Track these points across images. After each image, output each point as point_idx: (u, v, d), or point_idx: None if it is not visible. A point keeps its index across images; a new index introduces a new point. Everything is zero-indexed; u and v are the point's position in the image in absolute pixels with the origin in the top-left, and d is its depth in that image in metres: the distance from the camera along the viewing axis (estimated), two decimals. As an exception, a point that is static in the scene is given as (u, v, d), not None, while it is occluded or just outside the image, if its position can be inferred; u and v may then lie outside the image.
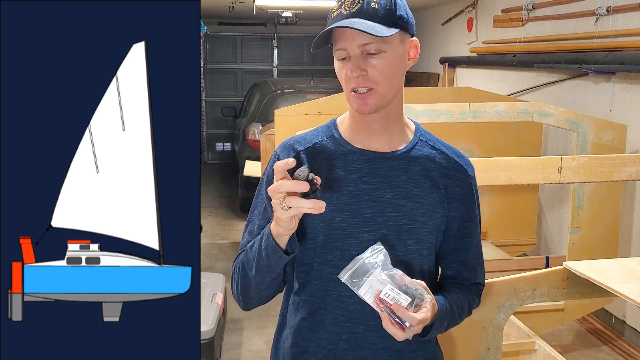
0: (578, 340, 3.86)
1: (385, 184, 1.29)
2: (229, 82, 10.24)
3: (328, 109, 3.72)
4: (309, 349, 1.33)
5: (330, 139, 1.34)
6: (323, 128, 1.38)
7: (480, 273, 1.44)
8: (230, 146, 9.30)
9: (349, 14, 1.21)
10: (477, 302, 1.44)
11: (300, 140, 1.35)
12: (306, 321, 1.33)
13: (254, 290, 1.32)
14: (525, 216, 4.46)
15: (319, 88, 6.68)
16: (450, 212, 1.33)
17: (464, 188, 1.35)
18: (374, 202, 1.28)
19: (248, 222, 1.38)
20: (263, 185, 1.36)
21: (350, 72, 1.22)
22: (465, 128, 4.02)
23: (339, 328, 1.30)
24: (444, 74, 7.03)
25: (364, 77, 1.22)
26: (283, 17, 7.11)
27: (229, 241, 5.87)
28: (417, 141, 1.35)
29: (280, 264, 1.24)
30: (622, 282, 1.76)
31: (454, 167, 1.34)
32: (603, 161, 2.57)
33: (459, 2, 6.62)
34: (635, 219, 3.81)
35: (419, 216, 1.29)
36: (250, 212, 1.39)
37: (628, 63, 3.56)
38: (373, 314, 1.24)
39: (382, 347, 1.31)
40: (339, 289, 1.28)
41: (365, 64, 1.22)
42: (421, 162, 1.32)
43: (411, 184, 1.30)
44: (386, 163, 1.31)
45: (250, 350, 3.65)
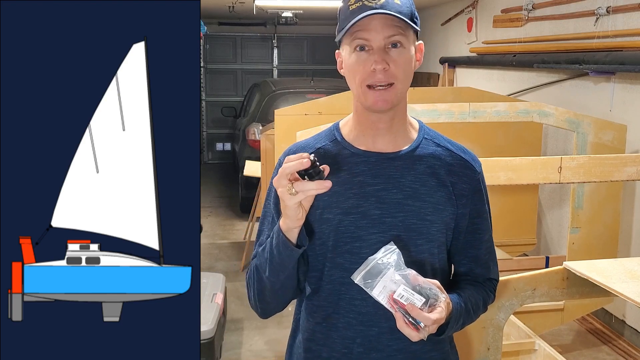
0: (578, 340, 3.86)
1: (392, 184, 1.29)
2: (229, 82, 10.24)
3: (328, 109, 3.72)
4: (323, 354, 1.33)
5: (334, 143, 1.34)
6: (326, 132, 1.38)
7: (493, 269, 1.43)
8: (230, 146, 9.30)
9: (375, 6, 1.20)
10: (492, 297, 1.43)
11: (304, 146, 1.35)
12: (320, 326, 1.33)
13: (270, 293, 1.32)
14: (525, 216, 4.45)
15: (319, 88, 6.68)
16: (459, 209, 1.32)
17: (472, 184, 1.34)
18: (381, 203, 1.28)
19: (259, 233, 1.38)
20: (272, 194, 1.35)
21: (375, 65, 1.20)
22: (465, 128, 4.02)
23: (353, 332, 1.30)
24: (444, 74, 7.03)
25: (386, 72, 1.21)
26: (283, 17, 7.11)
27: (229, 241, 5.87)
28: (421, 139, 1.34)
29: (293, 259, 1.24)
30: (622, 282, 1.76)
31: (460, 164, 1.33)
32: (603, 161, 2.57)
33: (459, 2, 6.62)
34: (635, 219, 3.81)
35: (428, 215, 1.29)
36: (260, 222, 1.39)
37: (628, 63, 3.56)
38: (386, 316, 1.24)
39: (396, 349, 1.30)
40: (351, 292, 1.28)
41: (388, 58, 1.21)
42: (427, 161, 1.31)
43: (418, 183, 1.29)
44: (391, 163, 1.30)
45: (250, 350, 3.65)
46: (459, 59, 6.64)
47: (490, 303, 1.44)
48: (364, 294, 1.22)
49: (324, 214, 1.28)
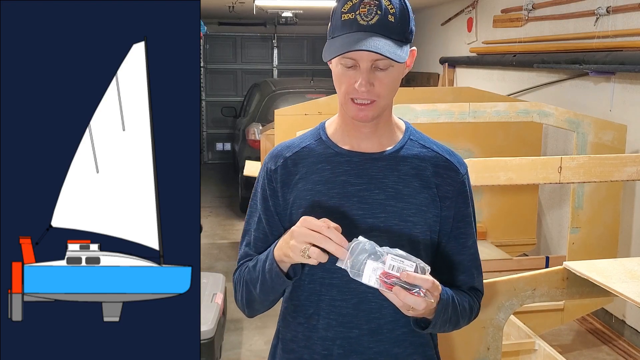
0: (578, 340, 3.86)
1: (374, 185, 1.28)
2: (229, 82, 10.24)
3: (328, 109, 3.72)
4: (304, 356, 1.32)
5: (319, 142, 1.34)
6: (312, 131, 1.38)
7: (477, 278, 1.38)
8: (230, 146, 9.30)
9: (367, 26, 1.18)
10: (476, 307, 1.37)
11: (289, 146, 1.36)
12: (301, 326, 1.33)
13: (259, 304, 1.34)
14: (525, 216, 4.45)
15: (319, 88, 6.68)
16: (443, 211, 1.31)
17: (456, 186, 1.32)
18: (363, 203, 1.27)
19: (244, 233, 1.38)
20: (257, 194, 1.36)
21: (358, 86, 1.20)
22: (465, 128, 4.03)
23: (333, 333, 1.29)
24: (444, 74, 7.03)
25: (370, 91, 1.21)
26: (283, 17, 7.11)
27: (229, 241, 5.87)
28: (406, 141, 1.33)
29: (284, 286, 1.26)
30: (622, 282, 1.76)
31: (445, 165, 1.32)
32: (603, 161, 2.57)
33: (459, 2, 6.62)
34: (635, 219, 3.81)
35: (410, 217, 1.28)
36: (246, 221, 1.39)
37: (628, 63, 3.56)
38: (367, 318, 1.24)
39: (376, 351, 1.29)
40: (332, 292, 1.28)
41: (373, 78, 1.21)
42: (411, 162, 1.30)
43: (401, 184, 1.28)
44: (374, 164, 1.29)
45: (250, 350, 3.65)
46: (459, 59, 6.64)
47: (475, 314, 1.37)
48: (345, 295, 1.22)
49: (306, 214, 1.26)
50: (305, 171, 1.31)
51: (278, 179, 1.32)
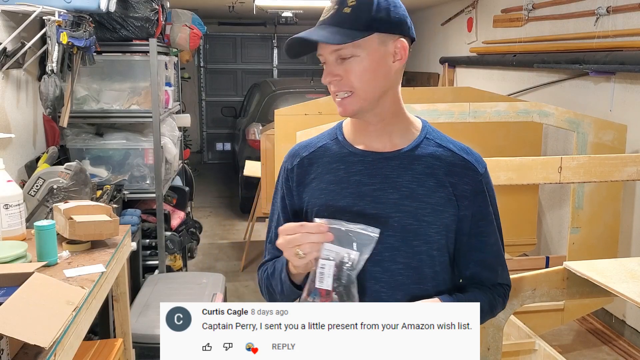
0: (578, 340, 3.86)
1: (388, 184, 1.27)
2: (229, 82, 10.24)
3: (328, 109, 3.71)
4: None
5: (335, 142, 1.35)
6: (329, 131, 1.39)
7: (502, 273, 1.38)
8: (230, 146, 9.30)
9: (321, 21, 1.24)
10: (500, 302, 1.37)
11: (306, 145, 1.37)
12: None
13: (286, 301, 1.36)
14: (525, 216, 4.45)
15: (319, 88, 6.68)
16: (461, 210, 1.29)
17: (474, 185, 1.30)
18: (376, 203, 1.26)
19: (268, 229, 1.42)
20: (277, 192, 1.39)
21: (323, 80, 1.25)
22: (465, 128, 4.02)
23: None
24: (444, 74, 7.03)
25: (339, 82, 1.24)
26: (283, 17, 7.10)
27: (229, 241, 5.86)
28: (422, 139, 1.32)
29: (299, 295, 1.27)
30: (622, 282, 1.76)
31: (462, 164, 1.30)
32: (603, 161, 2.57)
33: (459, 2, 6.62)
34: (635, 219, 3.81)
35: (425, 216, 1.26)
36: (269, 219, 1.42)
37: (628, 63, 3.56)
38: None
39: None
40: None
41: (338, 69, 1.23)
42: (425, 161, 1.29)
43: (415, 184, 1.27)
44: (387, 163, 1.29)
45: (250, 350, 3.64)
46: (459, 59, 6.64)
47: (501, 309, 1.38)
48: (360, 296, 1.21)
49: (319, 213, 1.28)
50: (320, 170, 1.32)
51: (294, 178, 1.34)
